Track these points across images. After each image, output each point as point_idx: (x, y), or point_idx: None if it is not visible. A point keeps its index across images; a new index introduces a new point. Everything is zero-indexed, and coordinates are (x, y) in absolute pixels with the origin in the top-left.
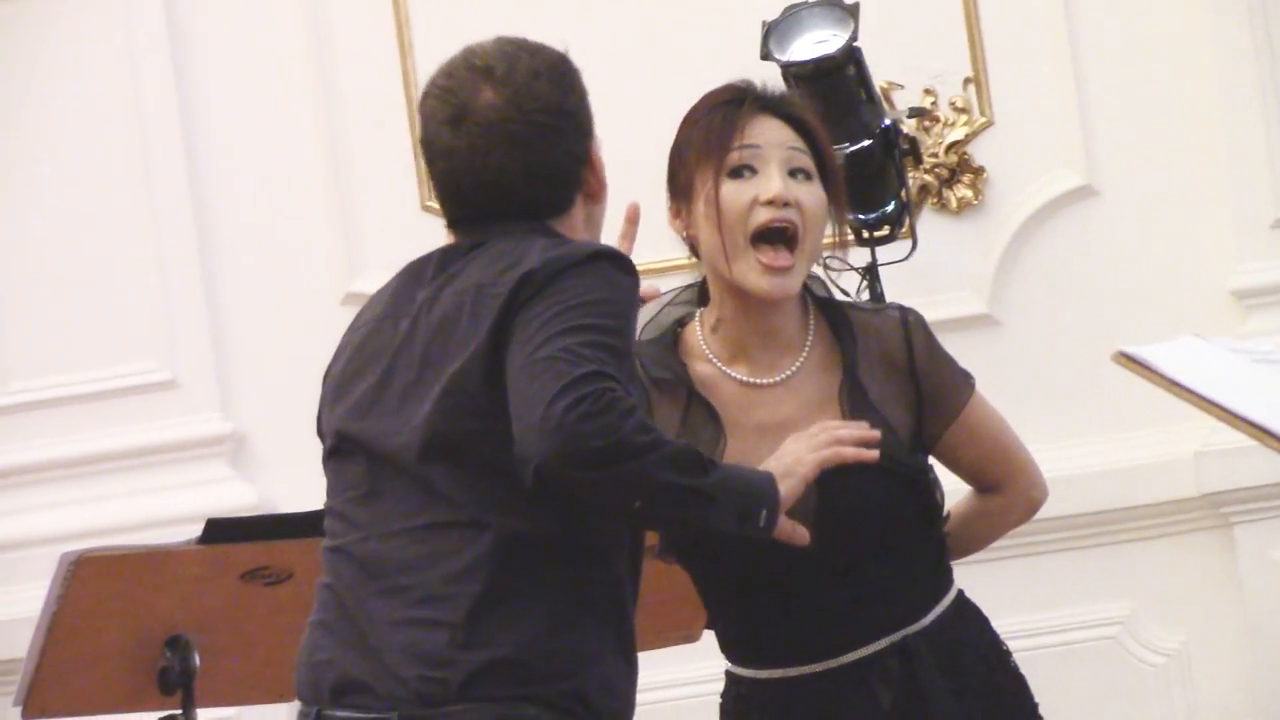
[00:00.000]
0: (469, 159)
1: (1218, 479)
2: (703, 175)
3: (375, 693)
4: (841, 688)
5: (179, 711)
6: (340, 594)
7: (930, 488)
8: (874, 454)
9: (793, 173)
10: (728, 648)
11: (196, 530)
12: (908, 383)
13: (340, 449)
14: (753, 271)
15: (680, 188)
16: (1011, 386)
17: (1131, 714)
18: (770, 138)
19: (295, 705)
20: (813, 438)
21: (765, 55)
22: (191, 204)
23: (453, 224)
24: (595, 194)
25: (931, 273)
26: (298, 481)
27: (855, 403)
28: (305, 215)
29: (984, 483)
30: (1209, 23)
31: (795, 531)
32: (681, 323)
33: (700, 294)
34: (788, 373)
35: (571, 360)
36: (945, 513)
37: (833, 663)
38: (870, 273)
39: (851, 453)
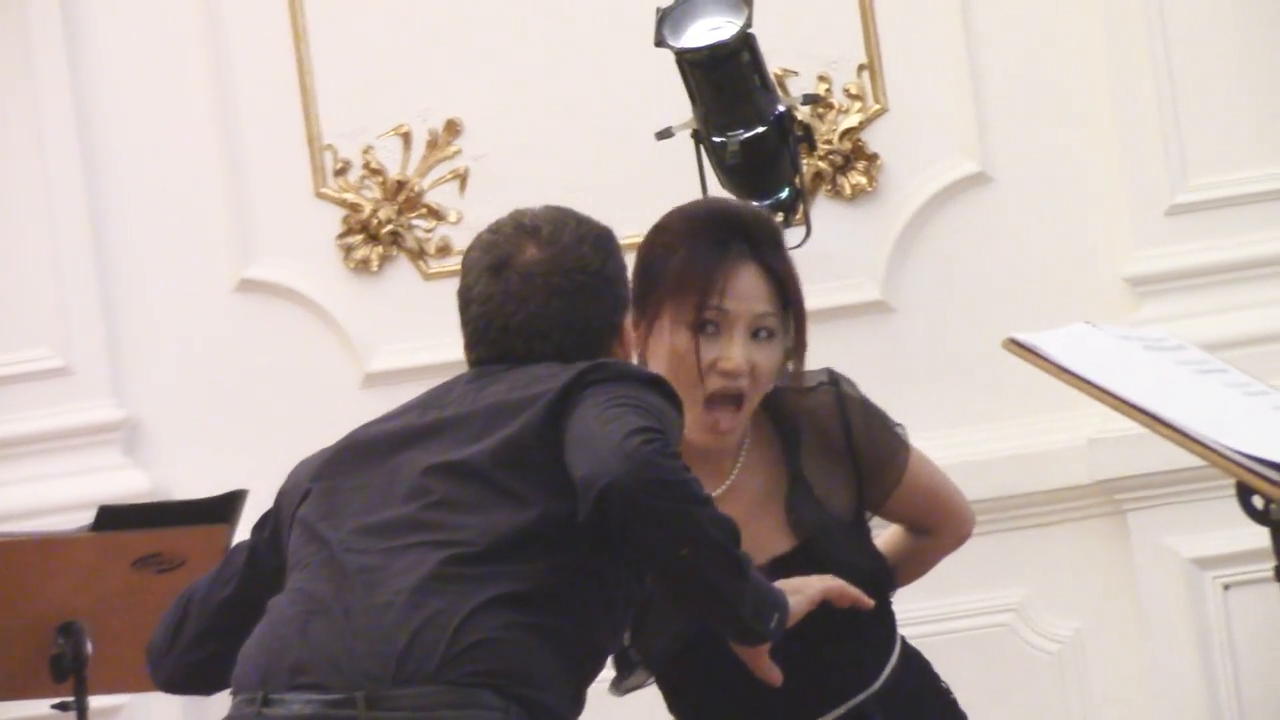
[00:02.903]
0: (503, 303)
1: (1111, 466)
2: (672, 316)
3: (341, 671)
4: None
5: (71, 698)
6: (324, 594)
7: (884, 576)
8: (870, 602)
9: (756, 333)
10: (680, 711)
11: (89, 517)
12: (848, 462)
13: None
14: (698, 427)
15: (646, 309)
16: (905, 373)
17: (1025, 701)
18: (742, 302)
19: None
20: (823, 577)
21: (659, 42)
22: (84, 190)
23: (477, 365)
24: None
25: (825, 259)
26: (191, 469)
27: (800, 505)
28: (198, 202)
29: (919, 527)
30: (1102, 9)
31: (771, 672)
32: None
33: None
34: (728, 481)
35: (642, 415)
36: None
37: None
38: None
39: (854, 593)
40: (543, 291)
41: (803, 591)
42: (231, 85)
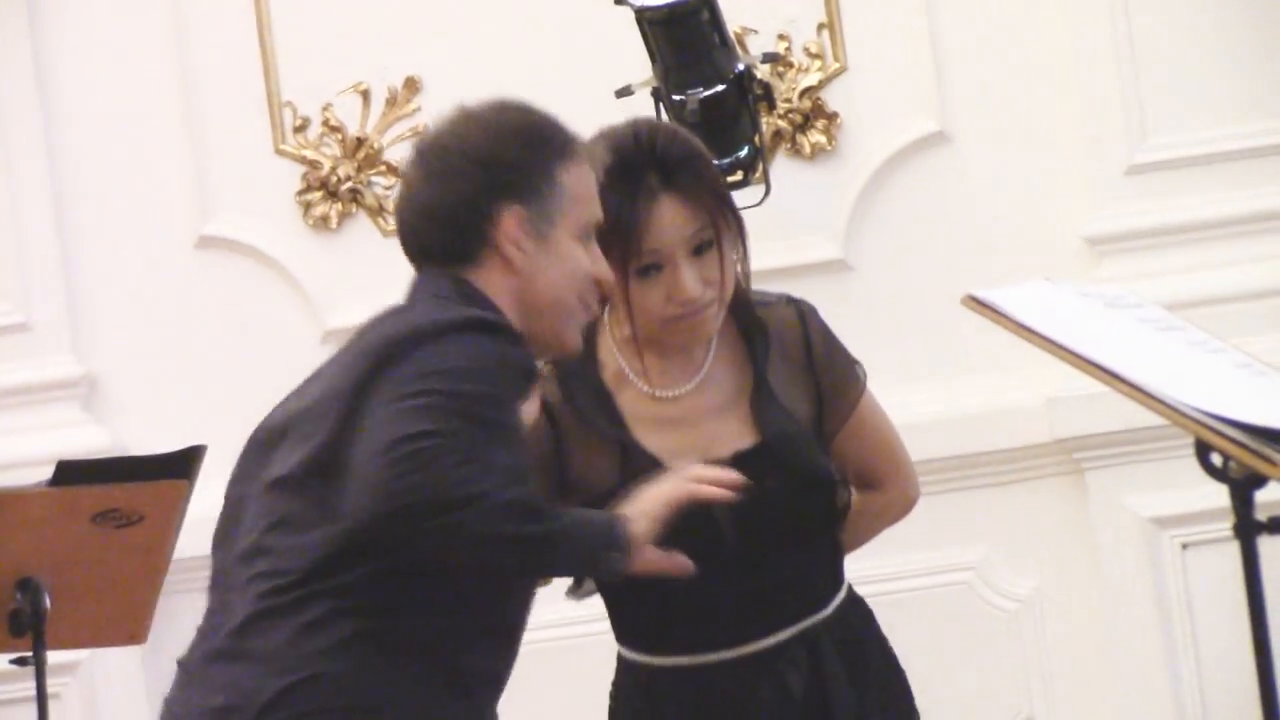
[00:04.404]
0: (401, 193)
1: (1070, 425)
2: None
3: None
4: (752, 675)
5: (29, 654)
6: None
7: (835, 489)
8: (727, 494)
9: (697, 249)
10: (631, 635)
11: (48, 473)
12: (808, 377)
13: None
14: (674, 336)
15: None
16: (865, 332)
17: (983, 659)
18: (672, 233)
19: (145, 646)
20: (674, 476)
21: (619, 0)
22: (44, 146)
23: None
24: (516, 267)
25: (785, 218)
26: (150, 425)
27: (764, 406)
28: (158, 158)
29: (867, 479)
30: None
31: (674, 562)
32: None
33: None
34: (700, 374)
35: (405, 421)
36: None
37: (743, 650)
38: None
39: (707, 490)
40: (419, 177)
41: (648, 512)
42: (191, 42)
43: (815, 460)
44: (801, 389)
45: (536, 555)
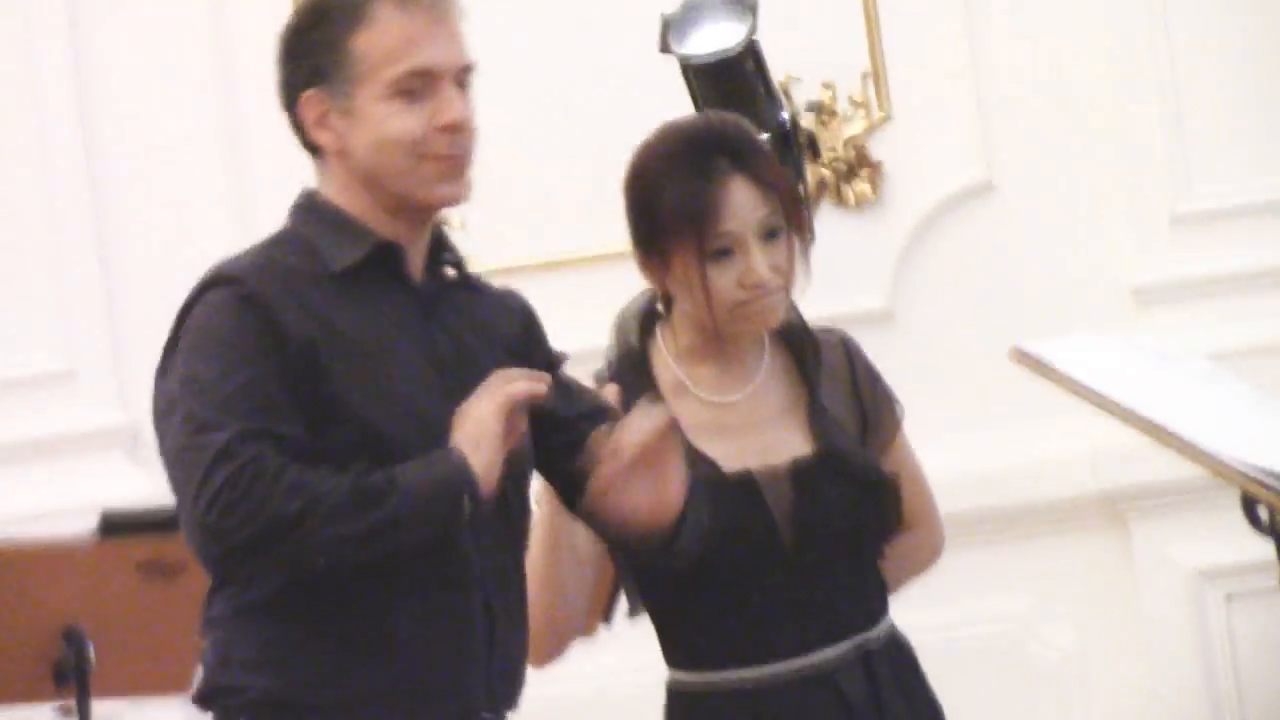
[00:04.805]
0: None
1: (1114, 476)
2: (681, 252)
3: None
4: (809, 693)
5: (73, 703)
6: None
7: (891, 498)
8: (543, 388)
9: (767, 236)
10: (686, 651)
11: (92, 521)
12: (854, 400)
13: None
14: (742, 323)
15: (652, 249)
16: (909, 382)
17: (1027, 710)
18: (745, 216)
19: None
20: (486, 390)
21: (664, 49)
22: (90, 192)
23: None
24: (333, 150)
25: (829, 267)
26: None
27: (820, 417)
28: (203, 206)
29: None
30: (1107, 18)
31: (535, 383)
32: (645, 331)
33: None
34: (754, 383)
35: (201, 443)
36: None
37: (800, 662)
38: None
39: (524, 387)
40: None
41: (484, 436)
42: (235, 80)
43: (871, 467)
44: (848, 410)
45: (388, 538)
